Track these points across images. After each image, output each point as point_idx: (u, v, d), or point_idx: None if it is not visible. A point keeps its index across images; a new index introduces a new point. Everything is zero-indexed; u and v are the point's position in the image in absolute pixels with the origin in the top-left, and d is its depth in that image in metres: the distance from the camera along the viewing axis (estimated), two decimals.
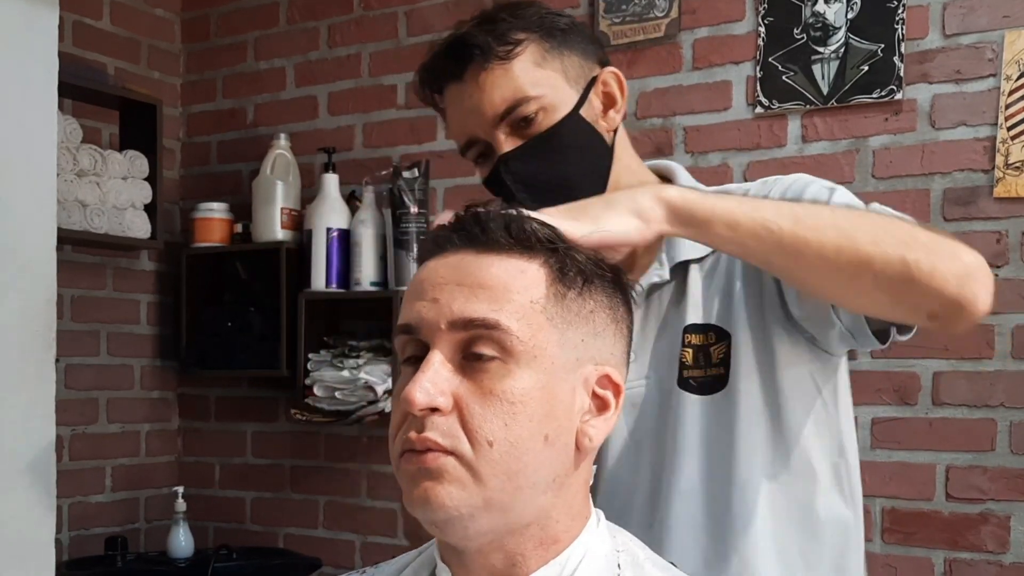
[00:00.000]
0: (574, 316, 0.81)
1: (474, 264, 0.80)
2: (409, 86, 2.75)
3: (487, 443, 0.77)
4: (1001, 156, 2.06)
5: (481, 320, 0.77)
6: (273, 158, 2.80)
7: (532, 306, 0.79)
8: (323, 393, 2.65)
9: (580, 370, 0.82)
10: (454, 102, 1.17)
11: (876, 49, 2.17)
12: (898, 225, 0.98)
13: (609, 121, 1.18)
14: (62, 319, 2.54)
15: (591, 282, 0.83)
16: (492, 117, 1.13)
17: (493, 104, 1.13)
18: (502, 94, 1.12)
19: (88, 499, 2.84)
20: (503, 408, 0.77)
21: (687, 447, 1.14)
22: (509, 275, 0.79)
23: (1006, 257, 2.05)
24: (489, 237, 0.80)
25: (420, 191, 2.58)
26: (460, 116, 1.17)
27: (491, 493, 0.77)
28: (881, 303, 0.99)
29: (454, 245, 0.81)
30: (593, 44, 1.20)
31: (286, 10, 2.95)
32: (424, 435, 0.77)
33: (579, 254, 0.83)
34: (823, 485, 1.15)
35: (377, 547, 2.75)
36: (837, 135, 2.21)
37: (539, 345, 0.79)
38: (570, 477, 0.82)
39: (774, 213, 0.96)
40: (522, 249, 0.81)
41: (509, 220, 0.81)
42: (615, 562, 0.85)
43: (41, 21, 2.02)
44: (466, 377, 0.78)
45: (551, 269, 0.81)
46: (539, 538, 0.82)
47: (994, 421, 2.05)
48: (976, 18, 2.09)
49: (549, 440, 0.79)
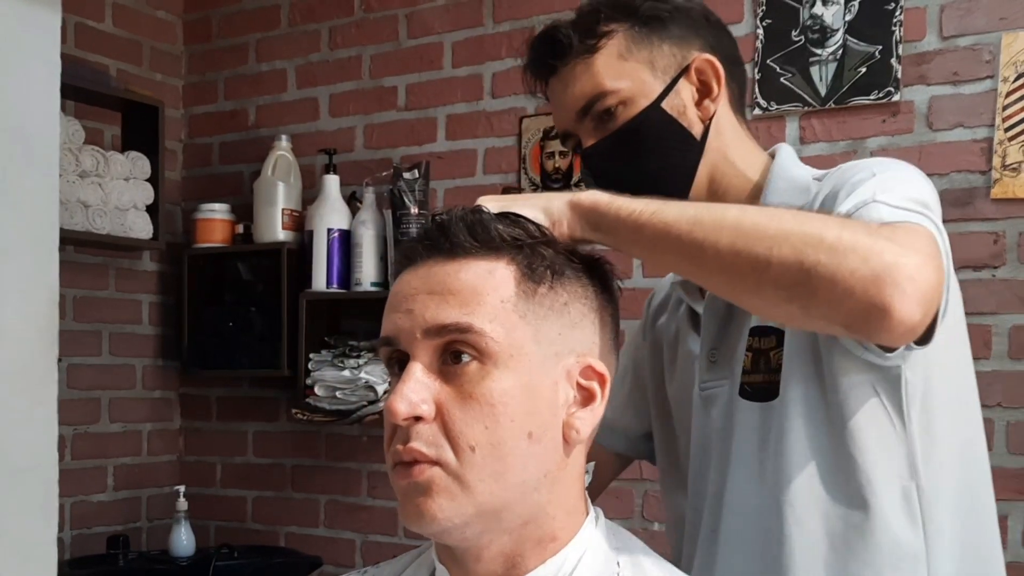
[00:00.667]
0: (547, 310, 0.81)
1: (442, 271, 0.80)
2: (410, 87, 2.77)
3: (469, 448, 0.77)
4: (998, 157, 2.07)
5: (454, 324, 0.78)
6: (274, 159, 2.81)
7: (503, 305, 0.79)
8: (324, 393, 2.66)
9: (561, 363, 0.82)
10: (552, 96, 1.17)
11: (874, 51, 2.18)
12: (812, 224, 0.87)
13: (704, 110, 1.13)
14: (64, 319, 2.55)
15: (561, 274, 0.83)
16: (575, 112, 1.12)
17: (575, 99, 1.12)
18: (582, 89, 1.11)
19: (90, 498, 2.85)
20: (483, 411, 0.78)
21: (740, 458, 1.08)
22: (477, 277, 0.80)
23: (1003, 258, 2.05)
24: (453, 243, 0.81)
25: (420, 192, 2.59)
26: (555, 110, 1.17)
27: (481, 498, 0.78)
28: (791, 312, 0.90)
29: (422, 256, 0.82)
30: (703, 29, 1.14)
31: (287, 12, 2.96)
32: (409, 446, 0.78)
33: (546, 249, 0.84)
34: (885, 509, 1.01)
35: (377, 546, 2.76)
36: (835, 136, 2.22)
37: (515, 344, 0.79)
38: (562, 472, 0.83)
39: (675, 215, 0.90)
40: (487, 250, 0.81)
41: (472, 222, 0.82)
42: (614, 560, 0.85)
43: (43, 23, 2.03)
44: (447, 382, 0.79)
45: (519, 266, 0.81)
46: (537, 537, 0.82)
47: (991, 421, 2.06)
48: (973, 20, 2.10)
49: (534, 437, 0.79)
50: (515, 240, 0.82)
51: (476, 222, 0.82)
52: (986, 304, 2.06)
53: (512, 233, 0.83)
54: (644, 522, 2.38)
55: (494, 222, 0.82)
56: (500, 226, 0.82)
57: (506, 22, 2.62)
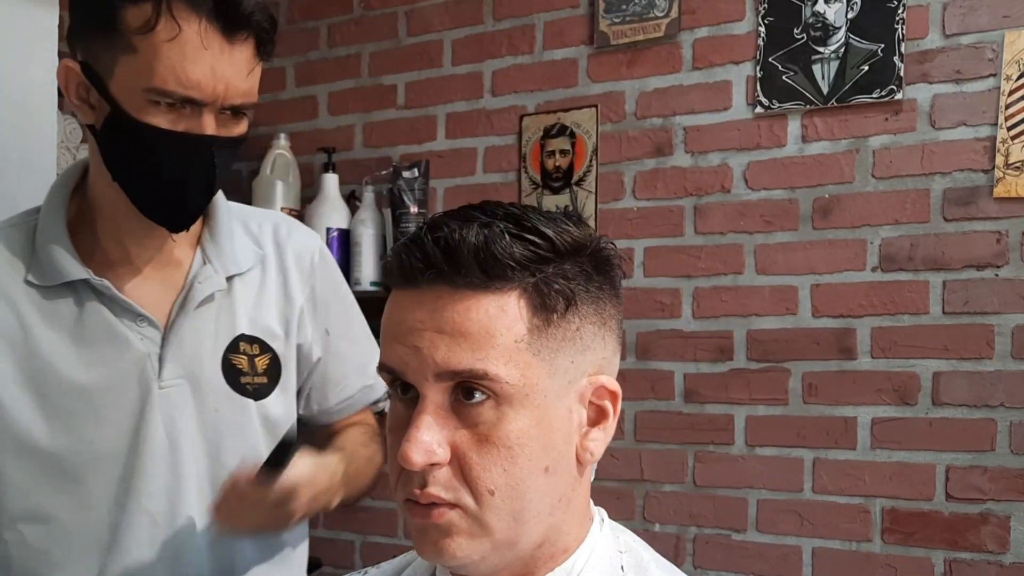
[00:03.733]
0: (560, 341, 0.78)
1: (451, 308, 0.75)
2: (410, 86, 2.76)
3: (488, 492, 0.76)
4: (1001, 156, 2.06)
5: (468, 371, 0.75)
6: (273, 158, 2.80)
7: (517, 346, 0.75)
8: None
9: (574, 389, 0.79)
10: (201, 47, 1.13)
11: (876, 49, 2.17)
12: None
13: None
14: None
15: (574, 300, 0.78)
16: (229, 101, 1.20)
17: (240, 92, 1.22)
18: (251, 87, 1.25)
19: None
20: (500, 454, 0.76)
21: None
22: (489, 318, 0.75)
23: (1006, 257, 2.05)
24: (462, 274, 0.75)
25: (420, 191, 2.59)
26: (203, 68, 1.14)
27: (499, 536, 0.77)
28: None
29: (425, 281, 0.76)
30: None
31: (286, 9, 2.95)
32: (427, 491, 0.76)
33: (558, 269, 0.78)
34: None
35: (377, 547, 2.75)
36: (837, 135, 2.21)
37: (529, 383, 0.76)
38: (575, 491, 0.82)
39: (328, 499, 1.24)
40: (499, 283, 0.75)
41: (478, 250, 0.75)
42: (618, 563, 0.85)
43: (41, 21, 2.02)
44: (461, 421, 0.77)
45: (530, 298, 0.76)
46: (550, 553, 0.83)
47: (994, 421, 2.05)
48: (976, 18, 2.09)
49: (550, 470, 0.78)
50: (527, 263, 0.76)
51: (488, 256, 0.75)
52: (989, 304, 2.05)
53: (525, 256, 0.76)
54: (645, 523, 2.38)
55: (505, 248, 0.75)
56: (513, 251, 0.76)
57: (506, 20, 2.61)
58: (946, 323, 2.10)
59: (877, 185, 2.17)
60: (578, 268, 0.79)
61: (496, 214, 0.78)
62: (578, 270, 0.79)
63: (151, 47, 1.09)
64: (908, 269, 2.14)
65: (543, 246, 0.77)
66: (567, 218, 0.81)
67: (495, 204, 0.80)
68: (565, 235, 0.78)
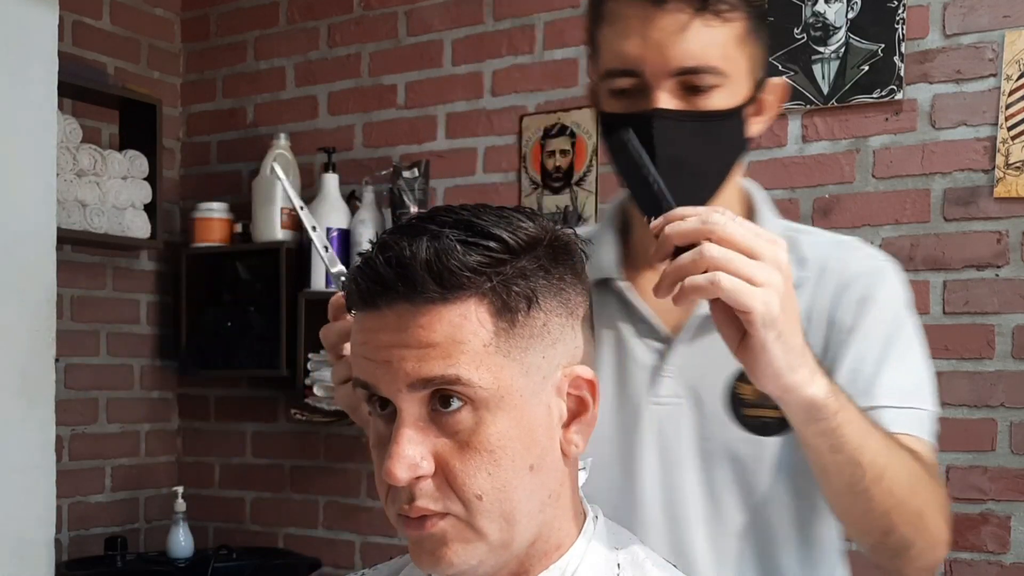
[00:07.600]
0: (528, 339, 0.77)
1: (413, 325, 0.75)
2: (410, 85, 2.75)
3: (476, 498, 0.76)
4: (1001, 156, 2.06)
5: (440, 377, 0.74)
6: (273, 158, 2.80)
7: (486, 350, 0.75)
8: (323, 393, 2.65)
9: (549, 383, 0.79)
10: (636, 19, 1.01)
11: (876, 49, 2.17)
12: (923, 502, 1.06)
13: (756, 127, 1.08)
14: (62, 319, 2.54)
15: (535, 297, 0.77)
16: (673, 65, 1.00)
17: (684, 54, 0.99)
18: (699, 49, 0.99)
19: (88, 499, 2.83)
20: (483, 459, 0.76)
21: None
22: (453, 327, 0.74)
23: (1006, 257, 2.05)
24: (418, 291, 0.74)
25: (420, 191, 2.59)
26: (635, 39, 1.01)
27: (492, 538, 0.78)
28: (866, 543, 1.08)
29: (383, 301, 0.76)
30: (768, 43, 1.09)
31: (286, 10, 2.95)
32: (416, 504, 0.77)
33: (515, 268, 0.76)
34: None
35: (377, 547, 2.75)
36: (837, 135, 2.21)
37: (504, 386, 0.76)
38: (564, 486, 0.82)
39: (870, 459, 0.95)
40: (457, 292, 0.74)
41: (430, 264, 0.74)
42: (615, 561, 0.85)
43: (41, 21, 2.02)
44: (441, 431, 0.76)
45: (492, 303, 0.75)
46: (544, 550, 0.83)
47: (994, 421, 2.05)
48: (976, 18, 2.09)
49: (535, 468, 0.78)
50: (483, 269, 0.75)
51: (442, 269, 0.74)
52: (989, 304, 2.05)
53: (479, 262, 0.75)
54: None
55: (458, 258, 0.74)
56: (466, 259, 0.74)
57: (506, 19, 2.61)
58: (946, 323, 2.10)
59: (877, 185, 2.17)
60: (536, 263, 0.78)
61: (445, 222, 0.76)
62: (536, 265, 0.78)
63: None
64: (908, 269, 2.14)
65: (496, 248, 0.76)
66: (519, 212, 0.79)
67: (444, 211, 0.79)
68: (519, 232, 0.77)
